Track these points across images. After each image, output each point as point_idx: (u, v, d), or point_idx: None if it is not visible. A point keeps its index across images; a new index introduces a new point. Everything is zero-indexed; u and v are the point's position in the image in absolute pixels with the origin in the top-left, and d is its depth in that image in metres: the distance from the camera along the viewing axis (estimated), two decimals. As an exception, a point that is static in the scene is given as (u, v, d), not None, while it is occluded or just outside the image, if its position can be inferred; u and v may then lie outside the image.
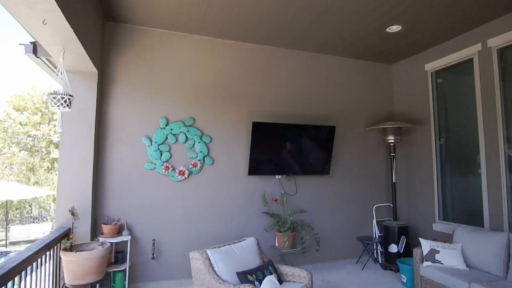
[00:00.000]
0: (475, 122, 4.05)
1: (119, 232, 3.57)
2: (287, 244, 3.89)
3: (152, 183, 3.87)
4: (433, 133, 4.64)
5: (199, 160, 4.05)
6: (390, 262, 4.45)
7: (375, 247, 4.87)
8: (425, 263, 3.48)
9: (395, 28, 4.01)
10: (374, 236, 4.92)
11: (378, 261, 4.76)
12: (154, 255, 3.78)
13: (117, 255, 3.55)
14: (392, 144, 4.75)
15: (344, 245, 4.79)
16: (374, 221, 4.95)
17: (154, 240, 3.80)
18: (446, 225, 4.37)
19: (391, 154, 4.80)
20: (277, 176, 4.43)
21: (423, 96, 4.80)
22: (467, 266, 3.43)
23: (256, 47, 4.50)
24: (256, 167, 4.22)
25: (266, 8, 3.49)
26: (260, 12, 3.58)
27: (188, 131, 4.02)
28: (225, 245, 3.08)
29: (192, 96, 4.12)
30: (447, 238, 4.00)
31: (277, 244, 4.20)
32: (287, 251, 3.94)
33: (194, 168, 4.02)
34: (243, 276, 2.72)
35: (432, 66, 4.66)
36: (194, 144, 4.05)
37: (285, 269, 3.05)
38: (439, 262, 3.44)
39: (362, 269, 4.46)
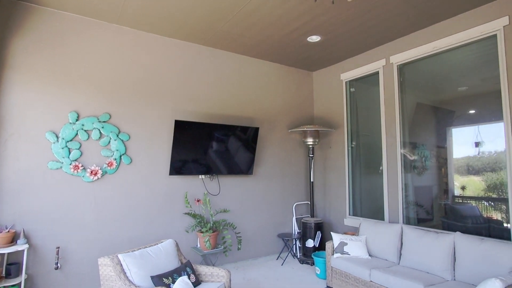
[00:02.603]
0: (379, 127, 4.58)
1: (12, 241, 3.10)
2: (208, 245, 3.85)
3: (57, 184, 3.45)
4: (346, 136, 5.11)
5: (115, 159, 3.76)
6: (307, 256, 4.75)
7: (294, 243, 5.14)
8: (335, 255, 3.80)
9: (315, 38, 4.30)
10: (293, 232, 5.20)
11: (297, 256, 5.04)
12: (58, 264, 3.37)
13: (9, 267, 3.07)
14: (311, 146, 5.09)
15: (265, 242, 4.96)
16: (294, 218, 5.23)
17: (58, 247, 3.39)
18: (355, 219, 4.84)
19: (310, 155, 5.14)
20: (200, 176, 4.37)
21: (339, 103, 5.25)
22: (369, 255, 3.85)
23: (182, 44, 4.38)
24: (178, 167, 4.09)
25: (192, 4, 3.43)
26: (186, 7, 3.49)
27: (103, 127, 3.70)
28: (140, 249, 2.91)
29: (108, 89, 3.81)
30: (354, 232, 4.44)
31: (198, 245, 4.14)
32: (208, 252, 3.91)
33: (109, 168, 3.71)
34: (158, 280, 2.60)
35: (346, 76, 5.14)
36: (109, 141, 3.74)
37: (203, 269, 3.01)
38: (347, 253, 3.79)
39: (282, 265, 4.67)
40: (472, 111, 3.84)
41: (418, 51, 4.09)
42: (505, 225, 3.31)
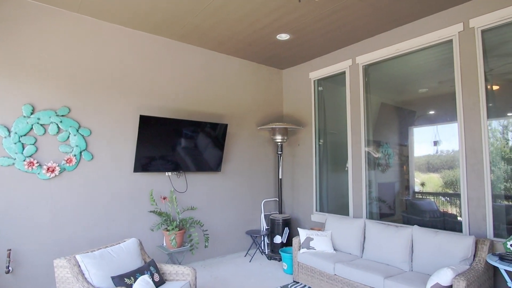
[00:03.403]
0: (346, 126, 4.71)
1: (-44, 243, 2.85)
2: (174, 243, 3.77)
3: (9, 182, 3.21)
4: (314, 134, 5.21)
5: (75, 155, 3.56)
6: (275, 253, 4.80)
7: (262, 240, 5.17)
8: (302, 250, 3.87)
9: (284, 36, 4.33)
10: (262, 229, 5.23)
11: (265, 252, 5.08)
12: (9, 268, 3.14)
13: (-48, 272, 2.82)
14: (279, 143, 5.14)
15: (234, 239, 4.94)
16: (262, 215, 5.27)
17: (9, 250, 3.16)
18: (321, 215, 4.95)
19: (279, 153, 5.19)
20: (166, 173, 4.26)
21: (307, 101, 5.34)
22: (334, 249, 3.96)
23: (149, 37, 4.24)
24: (143, 164, 3.96)
25: (158, -4, 3.32)
26: (151, -1, 3.38)
27: (61, 121, 3.49)
28: (100, 249, 2.78)
29: (68, 82, 3.60)
30: (321, 227, 4.54)
31: (164, 244, 4.04)
32: (174, 250, 3.83)
33: (68, 164, 3.51)
34: (119, 280, 2.50)
35: (315, 75, 5.23)
36: (68, 137, 3.54)
37: (168, 268, 2.94)
38: (313, 248, 3.87)
39: (250, 261, 4.68)
40: (431, 112, 4.05)
41: (382, 52, 4.25)
42: (458, 218, 3.53)
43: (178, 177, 4.37)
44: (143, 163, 3.96)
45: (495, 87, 3.38)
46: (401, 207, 4.31)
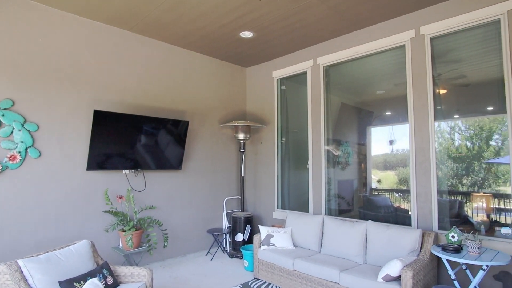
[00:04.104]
0: (306, 125, 4.82)
1: None
2: (130, 244, 3.63)
3: None
4: (276, 133, 5.27)
5: (20, 152, 3.29)
6: (237, 250, 4.80)
7: (224, 238, 5.15)
8: (262, 247, 3.91)
9: (247, 34, 4.33)
10: (224, 227, 5.20)
11: (227, 250, 5.06)
12: None
13: None
14: (242, 141, 5.14)
15: (195, 238, 4.87)
16: (224, 213, 5.24)
17: None
18: (282, 212, 5.03)
19: (241, 151, 5.19)
20: (123, 171, 4.08)
21: (270, 100, 5.39)
22: (294, 245, 4.04)
23: (105, 27, 4.02)
24: (98, 161, 3.75)
25: (114, -15, 3.16)
26: (107, -13, 3.20)
27: (3, 115, 3.20)
28: (47, 252, 2.60)
29: (11, 72, 3.31)
30: (282, 224, 4.61)
31: (120, 245, 3.87)
32: (131, 251, 3.68)
33: (11, 162, 3.23)
34: (67, 284, 2.35)
35: (278, 74, 5.29)
36: (12, 132, 3.26)
37: (123, 270, 2.82)
38: (273, 245, 3.92)
39: (211, 260, 4.64)
40: (387, 113, 4.26)
41: (342, 54, 4.40)
42: (409, 213, 3.76)
43: (136, 175, 4.21)
44: (98, 161, 3.75)
45: (442, 91, 3.63)
46: (359, 203, 4.50)
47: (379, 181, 4.44)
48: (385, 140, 4.17)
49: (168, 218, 4.53)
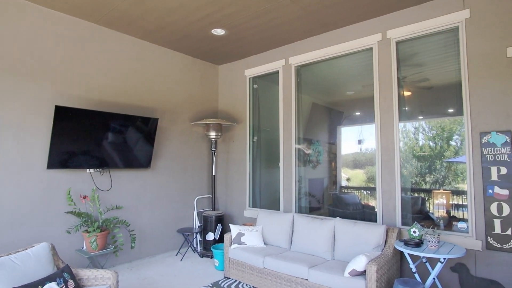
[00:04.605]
0: (278, 123, 4.86)
1: None
2: (94, 245, 3.48)
3: None
4: (248, 131, 5.27)
5: (-29, 149, 3.05)
6: (207, 250, 4.75)
7: (194, 237, 5.08)
8: (233, 246, 3.89)
9: (219, 31, 4.28)
10: (194, 226, 5.13)
11: (197, 250, 4.99)
12: None
13: None
14: (213, 139, 5.09)
15: (164, 238, 4.76)
16: (195, 213, 5.17)
17: None
18: (254, 211, 5.05)
19: (212, 149, 5.14)
20: (88, 170, 3.91)
21: (242, 98, 5.38)
22: (265, 243, 4.06)
23: (69, 19, 3.82)
24: (60, 160, 3.56)
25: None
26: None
27: (-49, 109, 2.96)
28: (1, 257, 2.43)
29: (-38, 62, 3.06)
30: (253, 223, 4.63)
31: (84, 247, 3.71)
32: (95, 253, 3.53)
33: (-40, 160, 2.99)
34: (23, 291, 2.21)
35: (250, 72, 5.29)
36: (-38, 127, 3.02)
37: (86, 273, 2.70)
38: (244, 243, 3.92)
39: (181, 260, 4.56)
40: (357, 113, 4.40)
41: (313, 55, 4.48)
42: (376, 209, 3.90)
43: (102, 174, 4.04)
44: (61, 159, 3.56)
45: (407, 93, 3.80)
46: (329, 201, 4.62)
47: (348, 179, 4.58)
48: (355, 139, 4.31)
49: (136, 218, 4.40)
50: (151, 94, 4.66)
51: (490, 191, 3.08)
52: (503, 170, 3.02)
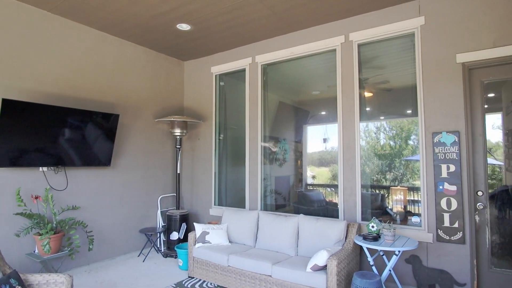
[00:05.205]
0: (244, 121, 4.86)
1: None
2: (47, 249, 3.26)
3: None
4: (214, 129, 5.22)
5: None
6: (171, 250, 4.65)
7: (158, 237, 4.95)
8: (197, 245, 3.84)
9: (184, 26, 4.19)
10: (158, 226, 5.00)
11: (161, 250, 4.87)
12: None
13: None
14: (178, 137, 4.98)
15: (126, 239, 4.59)
16: (159, 212, 5.03)
17: None
18: (219, 209, 5.01)
19: (177, 147, 5.03)
20: (41, 168, 3.66)
21: (209, 95, 5.31)
22: (230, 241, 4.05)
23: (20, 6, 3.53)
24: (7, 157, 3.29)
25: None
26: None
27: None
28: None
29: None
30: (218, 221, 4.59)
31: (36, 251, 3.47)
32: (48, 257, 3.32)
33: None
34: (-39, 301, 2.02)
35: (216, 69, 5.23)
36: None
37: (37, 278, 2.52)
38: (208, 242, 3.88)
39: (144, 261, 4.42)
40: (322, 112, 4.50)
41: (279, 54, 4.52)
42: (339, 206, 4.02)
43: (57, 172, 3.80)
44: (10, 157, 3.30)
45: (368, 94, 3.96)
46: (294, 198, 4.69)
47: (314, 177, 4.68)
48: (320, 138, 4.41)
49: (95, 218, 4.19)
50: (112, 89, 4.46)
51: (441, 187, 3.30)
52: (452, 168, 3.25)
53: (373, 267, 3.19)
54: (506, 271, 3.12)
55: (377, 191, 3.96)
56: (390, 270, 3.11)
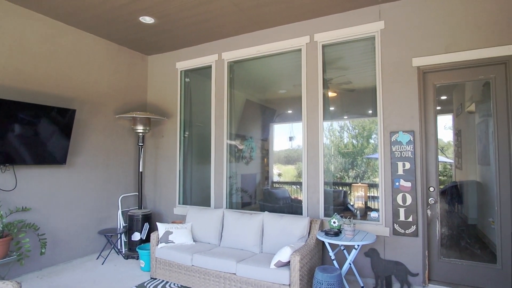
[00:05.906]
0: (210, 119, 4.80)
1: None
2: (-8, 254, 3.01)
3: None
4: (179, 126, 5.10)
5: None
6: (133, 251, 4.48)
7: (119, 238, 4.75)
8: (160, 245, 3.74)
9: (148, 19, 4.04)
10: (118, 227, 4.79)
11: (122, 252, 4.68)
12: None
13: None
14: (141, 134, 4.80)
15: (84, 241, 4.35)
16: (119, 212, 4.83)
17: None
18: (184, 208, 4.92)
19: (140, 144, 4.85)
20: (-15, 167, 3.36)
21: (173, 92, 5.18)
22: (194, 241, 3.99)
23: (-41, -13, 3.21)
24: None
25: None
26: None
27: None
28: None
29: None
30: (182, 220, 4.50)
31: (-21, 256, 3.18)
32: (-7, 263, 3.06)
33: None
34: None
35: (182, 65, 5.11)
36: None
37: (-22, 286, 2.31)
38: (171, 241, 3.79)
39: (103, 264, 4.22)
40: (288, 111, 4.56)
41: (246, 51, 4.51)
42: (303, 203, 4.10)
43: (4, 171, 3.51)
44: None
45: (332, 94, 4.07)
46: (260, 196, 4.72)
47: (279, 175, 4.74)
48: (286, 136, 4.47)
49: (49, 220, 3.93)
50: (69, 83, 4.19)
51: (397, 183, 3.49)
52: (407, 165, 3.45)
53: (334, 261, 3.29)
54: (453, 261, 3.37)
55: (340, 188, 4.10)
56: (350, 264, 3.23)
